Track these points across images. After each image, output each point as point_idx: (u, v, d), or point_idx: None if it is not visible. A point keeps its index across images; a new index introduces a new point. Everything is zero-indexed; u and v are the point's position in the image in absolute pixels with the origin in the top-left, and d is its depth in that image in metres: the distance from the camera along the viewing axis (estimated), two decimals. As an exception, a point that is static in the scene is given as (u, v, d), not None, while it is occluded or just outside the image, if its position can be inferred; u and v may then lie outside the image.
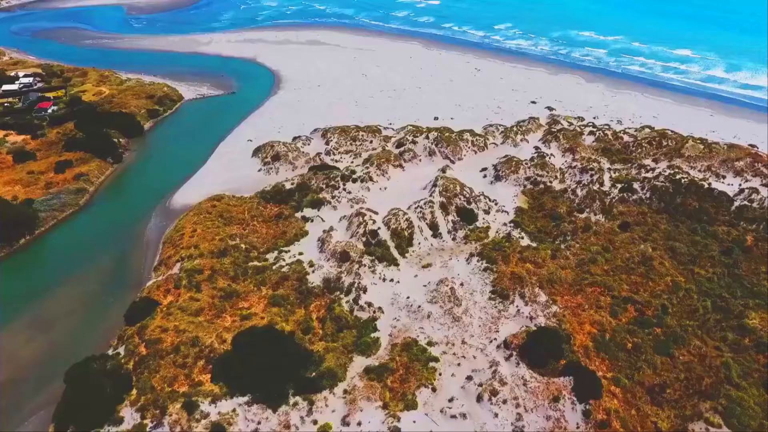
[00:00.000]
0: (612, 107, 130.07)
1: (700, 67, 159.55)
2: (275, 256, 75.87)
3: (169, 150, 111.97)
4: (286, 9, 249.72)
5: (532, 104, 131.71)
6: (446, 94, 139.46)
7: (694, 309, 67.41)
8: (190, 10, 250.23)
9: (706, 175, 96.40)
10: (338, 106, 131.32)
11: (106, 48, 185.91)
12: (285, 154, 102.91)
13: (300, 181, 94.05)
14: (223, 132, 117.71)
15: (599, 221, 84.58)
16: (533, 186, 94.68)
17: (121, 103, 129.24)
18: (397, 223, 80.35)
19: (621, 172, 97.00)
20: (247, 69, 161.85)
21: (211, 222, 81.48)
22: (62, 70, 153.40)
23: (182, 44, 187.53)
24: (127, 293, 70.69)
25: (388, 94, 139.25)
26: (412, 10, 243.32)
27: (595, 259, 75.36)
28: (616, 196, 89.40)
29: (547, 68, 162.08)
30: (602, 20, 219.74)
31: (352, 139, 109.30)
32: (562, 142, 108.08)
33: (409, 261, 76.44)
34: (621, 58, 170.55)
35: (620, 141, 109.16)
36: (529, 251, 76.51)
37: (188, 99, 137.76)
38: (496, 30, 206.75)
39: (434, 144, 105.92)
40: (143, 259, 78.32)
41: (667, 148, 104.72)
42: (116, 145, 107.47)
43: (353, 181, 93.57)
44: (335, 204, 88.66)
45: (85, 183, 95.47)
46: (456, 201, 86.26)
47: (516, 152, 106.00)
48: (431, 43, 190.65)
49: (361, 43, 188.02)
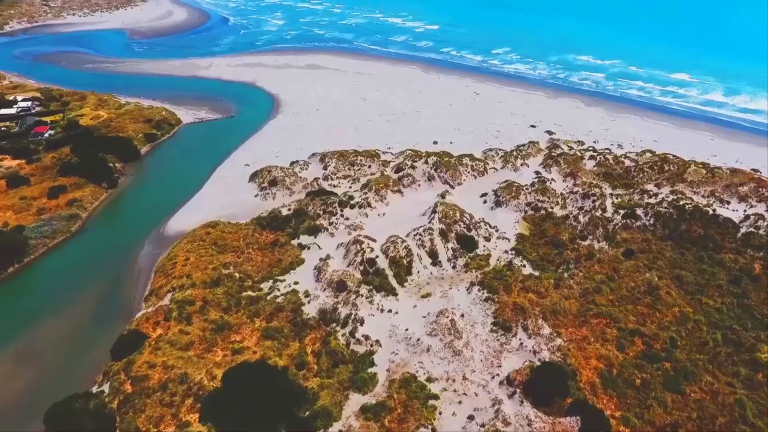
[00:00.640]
0: (612, 131, 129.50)
1: (699, 91, 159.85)
2: (270, 286, 73.63)
3: (166, 175, 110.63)
4: (285, 34, 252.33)
5: (532, 128, 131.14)
6: (445, 117, 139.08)
7: (704, 342, 65.00)
8: (191, 35, 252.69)
9: (709, 200, 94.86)
10: (337, 130, 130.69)
11: (107, 72, 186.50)
12: (282, 179, 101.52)
13: (297, 207, 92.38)
14: (221, 156, 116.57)
15: (603, 249, 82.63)
16: (534, 212, 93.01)
17: (118, 127, 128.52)
18: (396, 251, 78.34)
19: (623, 197, 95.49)
20: (246, 93, 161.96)
21: (204, 250, 79.46)
22: (61, 94, 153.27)
23: (182, 68, 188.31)
24: (116, 325, 68.18)
25: (387, 118, 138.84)
26: (410, 35, 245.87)
27: (600, 288, 73.19)
28: (619, 223, 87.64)
29: (546, 92, 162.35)
30: (599, 44, 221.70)
31: (351, 163, 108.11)
32: (563, 167, 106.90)
33: (408, 290, 74.20)
34: (619, 82, 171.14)
35: (621, 165, 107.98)
36: (531, 280, 74.35)
37: (186, 123, 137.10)
38: (495, 54, 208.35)
39: (433, 169, 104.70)
40: (134, 289, 76.01)
41: (669, 173, 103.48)
42: (112, 170, 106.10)
43: (351, 207, 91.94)
44: (332, 231, 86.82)
45: (78, 209, 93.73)
46: (456, 228, 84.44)
47: (516, 177, 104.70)
48: (430, 67, 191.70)
49: (361, 67, 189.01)
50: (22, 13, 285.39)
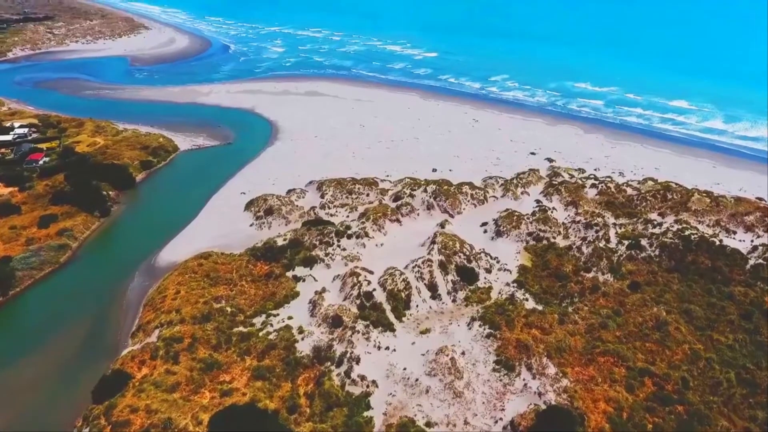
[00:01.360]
0: (612, 158, 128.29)
1: (698, 118, 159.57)
2: (262, 321, 70.72)
3: (160, 203, 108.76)
4: (285, 61, 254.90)
5: (532, 155, 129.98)
6: (444, 145, 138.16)
7: (717, 382, 61.75)
8: (192, 62, 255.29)
9: (715, 230, 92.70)
10: (335, 158, 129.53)
11: (107, 98, 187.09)
12: (278, 208, 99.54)
13: (293, 237, 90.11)
14: (217, 184, 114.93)
15: (607, 281, 79.97)
16: (536, 242, 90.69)
17: (114, 154, 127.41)
18: (394, 283, 75.69)
19: (627, 227, 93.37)
20: (245, 119, 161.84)
21: (196, 282, 76.80)
22: (59, 121, 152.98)
23: (182, 95, 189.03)
24: (100, 363, 64.99)
25: (386, 145, 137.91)
26: (409, 62, 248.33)
27: (606, 324, 70.30)
28: (623, 254, 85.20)
29: (545, 119, 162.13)
30: (595, 72, 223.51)
31: (348, 192, 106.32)
32: (564, 196, 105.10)
33: (406, 326, 71.25)
34: (617, 109, 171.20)
35: (623, 194, 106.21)
36: (534, 315, 71.48)
37: (184, 150, 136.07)
38: (493, 81, 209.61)
39: (432, 197, 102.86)
40: (121, 324, 72.98)
41: (672, 202, 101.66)
42: (105, 198, 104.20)
43: (348, 237, 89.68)
44: (329, 262, 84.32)
45: (69, 239, 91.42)
46: (455, 259, 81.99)
47: (517, 206, 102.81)
48: (429, 94, 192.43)
49: (359, 94, 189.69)
50: (26, 41, 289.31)
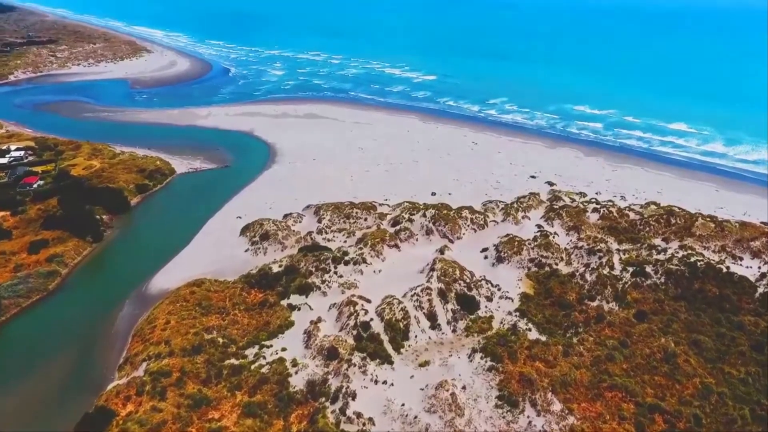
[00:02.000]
0: (614, 182, 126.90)
1: (698, 141, 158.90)
2: (255, 353, 68.01)
3: (154, 227, 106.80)
4: (285, 84, 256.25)
5: (532, 179, 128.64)
6: (444, 168, 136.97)
7: (731, 420, 58.91)
8: (192, 85, 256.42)
9: (721, 256, 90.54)
10: (333, 181, 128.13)
11: (106, 121, 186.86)
12: (274, 233, 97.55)
13: (288, 264, 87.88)
14: (213, 208, 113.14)
15: (613, 310, 77.46)
16: (538, 269, 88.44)
17: (110, 177, 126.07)
18: (392, 313, 73.20)
19: (630, 253, 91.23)
20: (243, 142, 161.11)
21: (187, 312, 74.31)
22: (56, 143, 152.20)
23: (181, 117, 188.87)
24: (85, 398, 62.13)
25: (385, 168, 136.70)
26: (408, 85, 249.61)
27: (613, 356, 67.62)
28: (628, 281, 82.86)
29: (545, 141, 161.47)
30: (594, 94, 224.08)
31: (346, 216, 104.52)
32: (566, 220, 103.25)
33: (405, 358, 68.49)
34: (617, 131, 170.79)
35: (626, 219, 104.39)
36: (538, 347, 68.81)
37: (180, 173, 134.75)
38: (492, 104, 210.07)
39: (432, 222, 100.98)
40: (109, 356, 70.21)
41: (676, 227, 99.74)
42: (98, 223, 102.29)
43: (345, 263, 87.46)
44: (325, 289, 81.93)
45: (59, 265, 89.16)
46: (455, 287, 79.64)
47: (517, 230, 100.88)
48: (428, 116, 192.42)
49: (358, 117, 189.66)
50: (28, 63, 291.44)
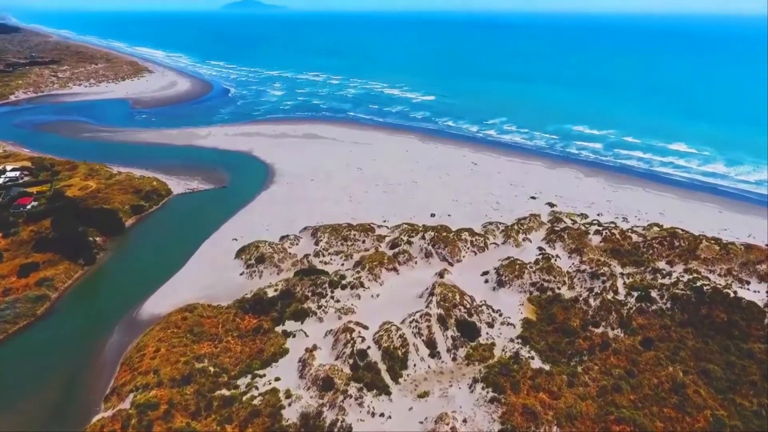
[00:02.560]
0: (615, 203, 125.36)
1: (699, 161, 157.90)
2: (247, 383, 65.36)
3: (148, 250, 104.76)
4: (284, 104, 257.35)
5: (532, 200, 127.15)
6: (443, 188, 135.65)
7: (747, 456, 56.00)
8: (192, 105, 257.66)
9: (727, 280, 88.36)
10: (331, 202, 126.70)
11: (104, 141, 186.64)
12: (270, 256, 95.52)
13: (284, 288, 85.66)
14: (209, 229, 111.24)
15: (618, 337, 74.97)
16: (540, 293, 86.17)
17: (105, 198, 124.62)
18: (390, 340, 70.73)
19: (635, 277, 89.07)
20: (241, 162, 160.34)
21: (178, 339, 71.83)
22: (53, 164, 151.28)
23: (179, 137, 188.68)
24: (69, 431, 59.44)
25: (383, 189, 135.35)
26: (407, 105, 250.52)
27: (620, 386, 64.93)
28: (633, 307, 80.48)
29: (544, 162, 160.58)
30: (593, 114, 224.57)
31: (344, 238, 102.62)
32: (568, 243, 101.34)
33: (403, 388, 65.81)
34: (617, 152, 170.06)
35: (629, 241, 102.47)
36: (541, 376, 66.18)
37: (177, 193, 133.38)
38: (491, 124, 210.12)
39: (431, 245, 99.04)
40: (95, 385, 67.41)
41: (680, 249, 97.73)
42: (90, 245, 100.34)
43: (342, 287, 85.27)
44: (321, 315, 79.57)
45: (48, 289, 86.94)
46: (455, 312, 77.32)
47: (518, 253, 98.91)
48: (427, 136, 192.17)
49: (357, 137, 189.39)
50: (30, 83, 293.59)
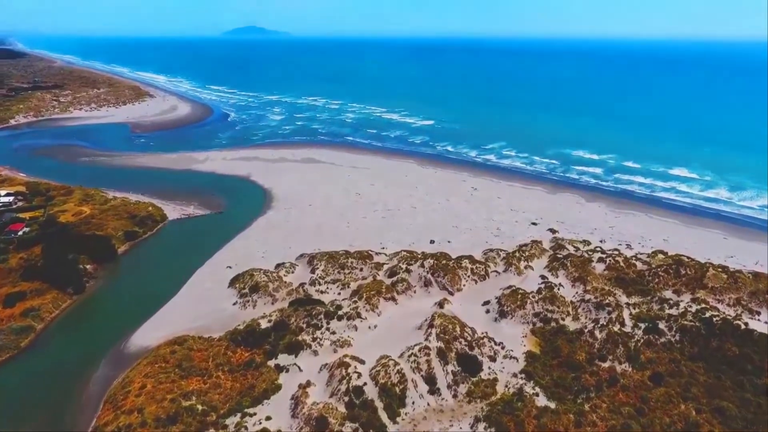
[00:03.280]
0: (618, 229, 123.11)
1: (701, 186, 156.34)
2: (236, 422, 61.90)
3: (140, 278, 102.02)
4: (284, 128, 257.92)
5: (533, 226, 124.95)
6: (442, 214, 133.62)
7: (769, 504, 52.28)
8: (192, 129, 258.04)
9: (737, 310, 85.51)
10: (329, 228, 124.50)
11: (102, 165, 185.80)
12: (265, 285, 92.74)
13: (278, 319, 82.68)
14: (203, 256, 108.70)
15: (626, 372, 71.69)
16: (543, 324, 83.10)
17: (99, 224, 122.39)
18: (387, 376, 67.48)
19: (641, 307, 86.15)
20: (239, 187, 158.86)
21: (165, 375, 68.57)
22: (48, 188, 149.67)
23: (177, 162, 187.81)
24: (44, 476, 55.87)
25: (382, 215, 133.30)
26: (406, 130, 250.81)
27: (629, 425, 61.52)
28: (641, 339, 77.39)
29: (545, 187, 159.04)
30: (592, 139, 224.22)
31: (341, 266, 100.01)
32: (571, 271, 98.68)
33: (402, 428, 62.29)
34: (618, 176, 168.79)
35: (633, 269, 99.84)
36: (547, 416, 62.74)
37: (173, 219, 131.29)
38: (490, 149, 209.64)
39: (430, 273, 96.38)
40: (77, 425, 63.90)
41: (686, 278, 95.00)
42: (80, 273, 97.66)
43: (338, 318, 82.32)
44: (316, 348, 76.41)
45: (34, 320, 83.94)
46: (456, 345, 74.20)
47: (520, 281, 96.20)
48: (426, 161, 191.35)
49: (356, 161, 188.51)
50: (30, 108, 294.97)
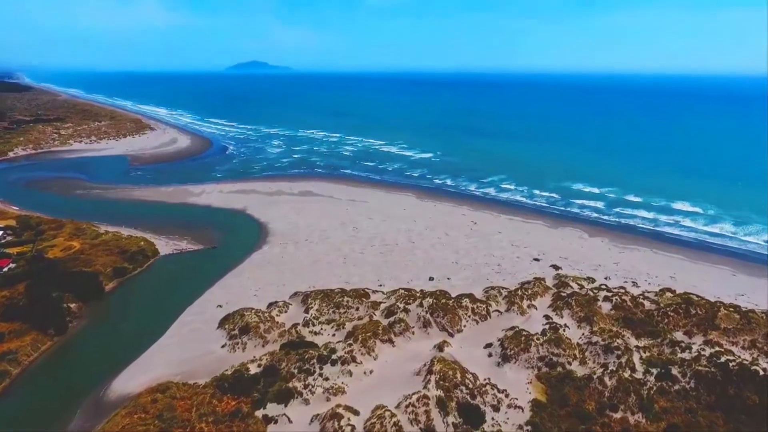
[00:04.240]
0: (622, 265, 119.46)
1: (705, 221, 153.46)
2: (219, 483, 56.81)
3: (126, 317, 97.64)
4: (282, 161, 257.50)
5: (535, 261, 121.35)
6: (442, 249, 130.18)
7: None
8: (191, 161, 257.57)
9: (753, 353, 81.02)
10: (325, 263, 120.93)
11: (97, 198, 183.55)
12: (256, 326, 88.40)
13: (268, 363, 78.06)
14: (193, 294, 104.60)
15: (640, 423, 66.74)
16: (549, 369, 78.41)
17: (87, 259, 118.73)
18: (383, 429, 62.57)
19: (651, 350, 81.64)
20: (234, 221, 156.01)
21: (144, 428, 63.54)
22: (39, 222, 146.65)
23: (173, 195, 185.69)
24: None
25: (380, 250, 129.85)
26: (405, 162, 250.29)
27: (647, 487, 56.41)
28: (653, 387, 72.63)
29: (546, 221, 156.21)
30: (592, 172, 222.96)
31: (336, 305, 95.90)
32: (576, 310, 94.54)
33: (398, 489, 57.17)
34: (619, 210, 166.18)
35: (642, 308, 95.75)
36: (557, 475, 57.70)
37: (164, 254, 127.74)
38: (490, 182, 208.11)
39: (429, 313, 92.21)
40: (44, 485, 58.90)
41: (697, 318, 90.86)
42: (63, 313, 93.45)
43: (332, 363, 77.68)
44: (308, 396, 71.56)
45: (10, 364, 79.21)
46: (457, 394, 69.47)
47: (523, 322, 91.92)
48: (425, 194, 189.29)
49: (354, 194, 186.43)
50: (30, 140, 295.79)
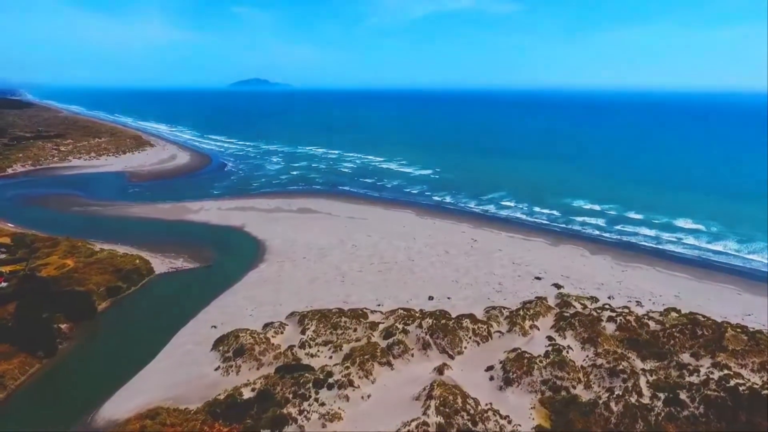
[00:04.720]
0: (626, 284, 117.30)
1: (708, 238, 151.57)
2: None
3: (118, 338, 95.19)
4: (281, 177, 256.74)
5: (537, 280, 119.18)
6: (442, 267, 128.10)
7: None
8: (190, 178, 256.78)
9: (762, 377, 78.42)
10: (323, 282, 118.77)
11: (93, 215, 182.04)
12: (251, 348, 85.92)
13: (262, 387, 75.45)
14: (187, 315, 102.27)
15: (648, 452, 64.13)
16: (553, 393, 75.80)
17: (81, 278, 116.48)
18: (381, 459, 59.97)
19: (658, 373, 79.14)
20: (231, 238, 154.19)
21: (131, 457, 61.00)
22: (34, 240, 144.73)
23: (171, 212, 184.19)
24: None
25: (378, 268, 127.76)
26: (404, 179, 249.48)
27: None
28: (661, 412, 70.00)
29: (546, 238, 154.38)
30: (592, 189, 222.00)
31: (333, 326, 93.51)
32: (579, 331, 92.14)
33: None
34: (621, 228, 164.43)
35: (647, 329, 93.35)
36: None
37: (159, 272, 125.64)
38: (490, 199, 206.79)
39: (429, 334, 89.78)
40: None
41: (704, 339, 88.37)
42: (53, 334, 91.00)
43: (329, 387, 75.09)
44: (302, 422, 68.83)
45: (-5, 388, 76.70)
46: (457, 420, 66.81)
47: (526, 343, 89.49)
48: (424, 211, 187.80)
49: (353, 211, 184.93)
50: (29, 157, 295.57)
